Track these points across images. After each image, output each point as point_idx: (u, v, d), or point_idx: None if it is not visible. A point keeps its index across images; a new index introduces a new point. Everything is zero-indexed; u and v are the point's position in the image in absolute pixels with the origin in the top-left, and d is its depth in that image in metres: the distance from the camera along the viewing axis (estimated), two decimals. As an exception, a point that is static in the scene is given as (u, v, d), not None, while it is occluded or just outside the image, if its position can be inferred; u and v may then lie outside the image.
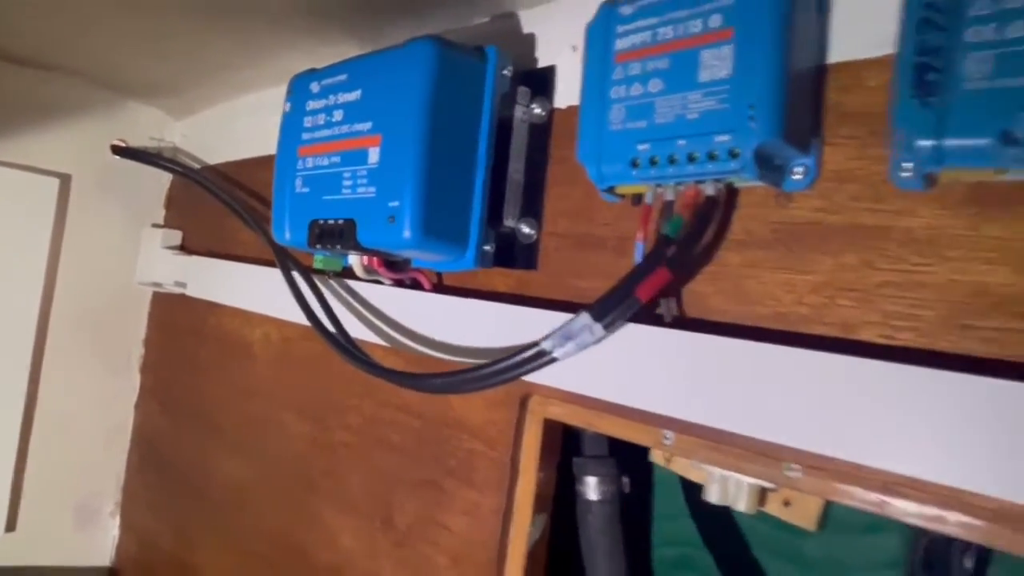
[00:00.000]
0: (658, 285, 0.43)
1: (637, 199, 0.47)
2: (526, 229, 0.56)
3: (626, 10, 0.46)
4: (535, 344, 0.45)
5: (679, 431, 0.46)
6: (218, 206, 0.85)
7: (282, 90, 0.63)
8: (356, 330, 0.66)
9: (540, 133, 0.57)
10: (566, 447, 0.59)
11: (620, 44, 0.46)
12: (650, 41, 0.44)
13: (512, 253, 0.57)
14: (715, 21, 0.41)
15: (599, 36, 0.47)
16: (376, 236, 0.53)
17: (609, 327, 0.43)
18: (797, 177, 0.42)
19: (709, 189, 0.43)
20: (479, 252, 0.54)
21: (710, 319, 0.46)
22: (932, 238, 0.37)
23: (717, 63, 0.41)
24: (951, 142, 0.33)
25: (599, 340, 0.44)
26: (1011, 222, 0.35)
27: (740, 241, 0.45)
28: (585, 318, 0.43)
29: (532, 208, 0.57)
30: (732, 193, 0.45)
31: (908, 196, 0.38)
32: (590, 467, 0.57)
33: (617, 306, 0.43)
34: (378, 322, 0.66)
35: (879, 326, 0.39)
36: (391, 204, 0.51)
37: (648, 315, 0.47)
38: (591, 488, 0.57)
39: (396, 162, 0.52)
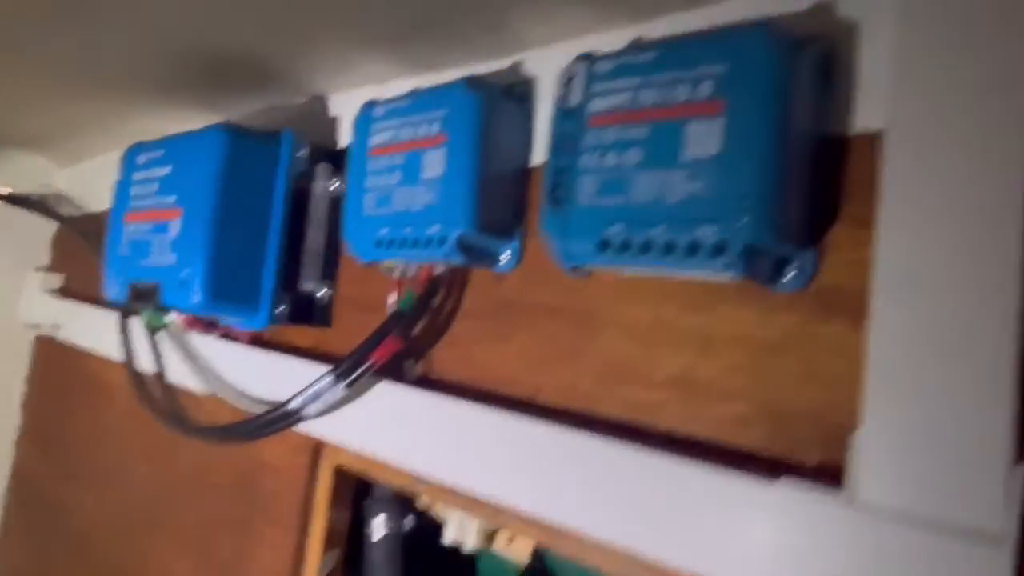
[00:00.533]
0: (389, 352, 0.49)
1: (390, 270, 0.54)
2: (322, 292, 0.63)
3: (379, 111, 0.53)
4: (285, 403, 0.51)
5: (424, 481, 0.52)
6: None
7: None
8: (184, 378, 0.71)
9: (338, 205, 0.64)
10: (366, 488, 0.65)
11: (373, 140, 0.53)
12: (392, 140, 0.51)
13: (310, 312, 0.63)
14: (434, 128, 0.49)
15: (362, 130, 0.54)
16: (175, 299, 0.59)
17: (350, 386, 0.50)
18: (503, 261, 0.49)
19: (438, 268, 0.50)
20: (271, 313, 0.60)
21: (447, 379, 0.53)
22: (588, 320, 0.45)
23: (430, 164, 0.48)
24: (572, 245, 0.40)
25: (343, 398, 0.51)
26: (633, 306, 0.43)
27: (469, 313, 0.52)
28: (327, 379, 0.50)
29: (328, 272, 0.63)
30: (466, 271, 0.52)
31: (576, 282, 0.46)
32: (376, 508, 0.62)
33: (355, 369, 0.49)
34: (203, 371, 0.71)
35: (553, 391, 0.46)
36: (184, 272, 0.57)
37: (400, 375, 0.53)
38: (377, 527, 0.62)
39: (191, 235, 0.58)
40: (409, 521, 0.63)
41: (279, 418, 0.52)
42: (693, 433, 0.39)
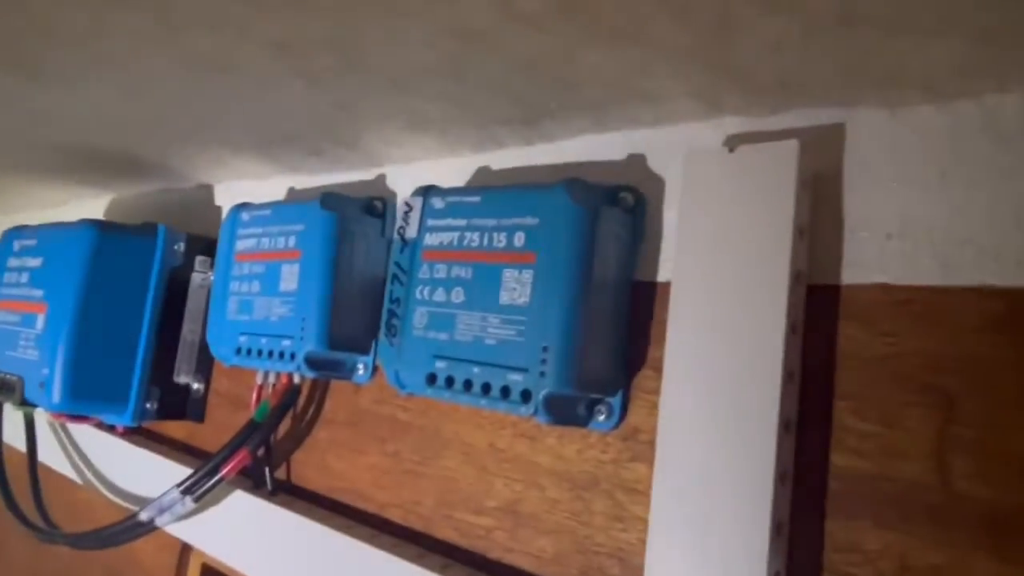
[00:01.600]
0: (240, 465, 0.49)
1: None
2: (196, 385, 0.62)
3: (245, 216, 0.53)
4: (135, 515, 0.50)
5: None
6: None
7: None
8: (61, 466, 0.69)
9: (217, 297, 0.64)
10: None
11: (239, 245, 0.53)
12: (255, 248, 0.52)
13: (183, 407, 0.63)
14: (291, 241, 0.49)
15: (229, 233, 0.54)
16: (36, 397, 0.58)
17: (199, 499, 0.49)
18: (360, 373, 0.50)
19: (296, 379, 0.51)
20: (139, 410, 0.59)
21: (306, 487, 0.53)
22: (432, 438, 0.46)
23: (290, 277, 0.49)
24: (403, 376, 0.41)
25: (193, 510, 0.50)
26: (472, 430, 0.44)
27: (328, 420, 0.52)
28: (174, 493, 0.49)
29: (203, 366, 0.63)
30: (326, 381, 0.53)
31: (424, 400, 0.46)
32: (245, 607, 0.61)
33: (205, 481, 0.49)
34: (78, 460, 0.69)
35: (398, 509, 0.46)
36: (43, 371, 0.56)
37: (260, 479, 0.53)
38: (246, 627, 0.61)
39: (53, 332, 0.57)
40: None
41: (130, 528, 0.51)
42: (517, 564, 0.40)
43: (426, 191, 0.42)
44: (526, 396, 0.36)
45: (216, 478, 0.49)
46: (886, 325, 0.31)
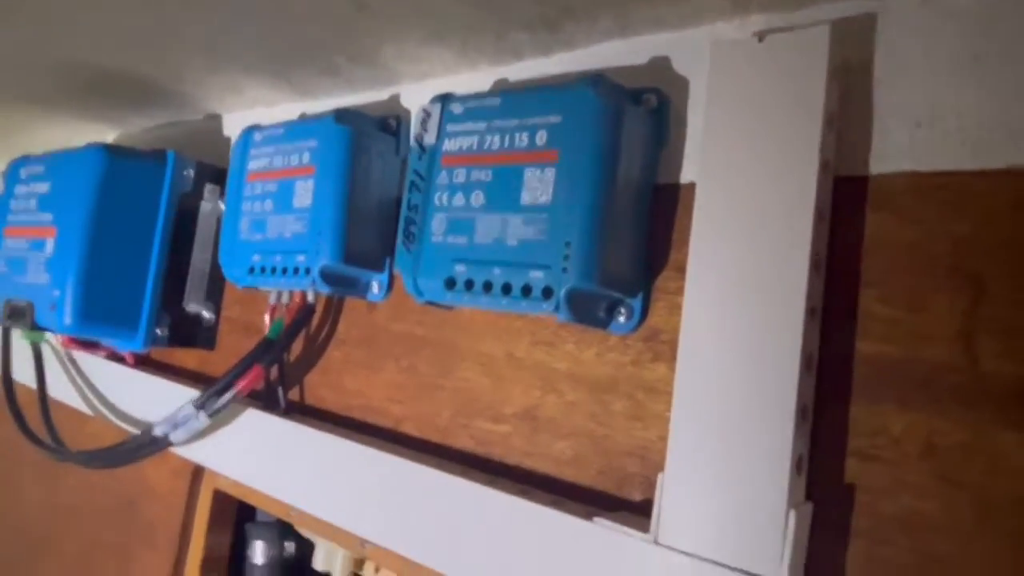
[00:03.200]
0: (254, 380, 0.49)
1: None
2: (206, 313, 0.62)
3: (258, 137, 0.53)
4: (150, 430, 0.50)
5: (294, 509, 0.52)
6: None
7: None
8: (69, 397, 0.70)
9: (227, 226, 0.63)
10: (249, 511, 0.64)
11: (251, 165, 0.53)
12: (268, 167, 0.51)
13: (194, 335, 0.62)
14: (305, 158, 0.49)
15: (240, 155, 0.54)
16: (47, 320, 0.57)
17: (213, 415, 0.49)
18: (374, 290, 0.50)
19: (309, 297, 0.50)
20: (150, 335, 0.59)
21: (320, 407, 0.53)
22: (449, 352, 0.46)
23: (305, 193, 0.48)
24: (422, 282, 0.41)
25: (208, 427, 0.50)
26: (488, 341, 0.44)
27: (342, 340, 0.52)
28: (189, 408, 0.49)
29: (213, 294, 0.63)
30: (341, 299, 0.53)
31: (441, 313, 0.46)
32: (257, 533, 0.62)
33: (219, 397, 0.49)
34: (87, 391, 0.69)
35: (414, 422, 0.47)
36: (54, 293, 0.56)
37: (273, 401, 0.53)
38: (258, 552, 0.62)
39: (64, 255, 0.57)
40: (290, 546, 0.62)
41: (145, 444, 0.51)
42: (535, 468, 0.40)
43: (444, 97, 0.42)
44: (548, 293, 0.35)
45: (230, 394, 0.49)
46: (915, 212, 0.31)
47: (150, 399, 0.62)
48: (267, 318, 0.52)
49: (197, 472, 0.61)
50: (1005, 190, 0.29)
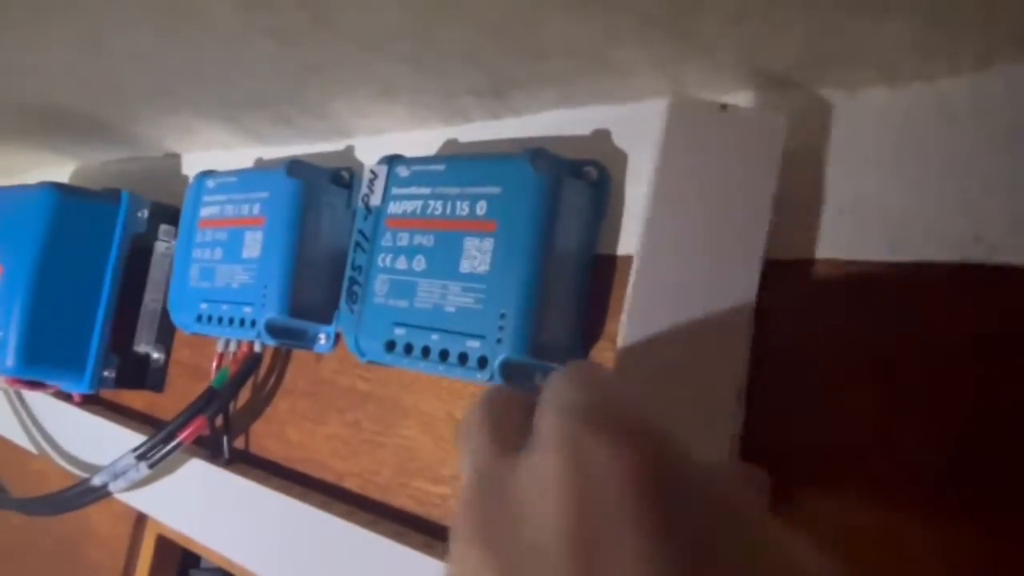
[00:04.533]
0: (197, 430, 0.49)
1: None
2: (156, 355, 0.62)
3: (211, 183, 0.53)
4: (88, 480, 0.49)
5: (232, 563, 0.51)
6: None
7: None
8: (15, 435, 0.68)
9: (181, 267, 0.63)
10: (193, 559, 0.63)
11: (203, 212, 0.53)
12: (219, 214, 0.51)
13: (143, 376, 0.62)
14: (256, 209, 0.49)
15: (193, 200, 0.54)
16: (-10, 360, 0.56)
17: (154, 465, 0.49)
18: (321, 342, 0.50)
19: (256, 347, 0.50)
20: (96, 378, 0.59)
21: (264, 457, 0.52)
22: (392, 409, 0.46)
23: (253, 244, 0.48)
24: (363, 342, 0.41)
25: (148, 477, 0.50)
26: (431, 400, 0.44)
27: (289, 391, 0.52)
28: (129, 458, 0.49)
29: (164, 336, 0.62)
30: (288, 350, 0.53)
31: (382, 369, 0.46)
32: (200, 580, 0.61)
33: (161, 447, 0.49)
34: (32, 429, 0.68)
35: (356, 478, 0.46)
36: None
37: (217, 449, 0.53)
38: (201, 599, 0.61)
39: (9, 295, 0.56)
40: (234, 594, 0.61)
41: (83, 493, 0.50)
42: (471, 531, 0.40)
43: (391, 159, 0.42)
44: (483, 363, 0.36)
45: (172, 444, 0.48)
46: (834, 298, 0.32)
47: (96, 440, 0.62)
48: (214, 366, 0.52)
49: (140, 517, 0.60)
50: (916, 282, 0.30)
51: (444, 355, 0.37)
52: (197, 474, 0.51)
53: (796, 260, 0.33)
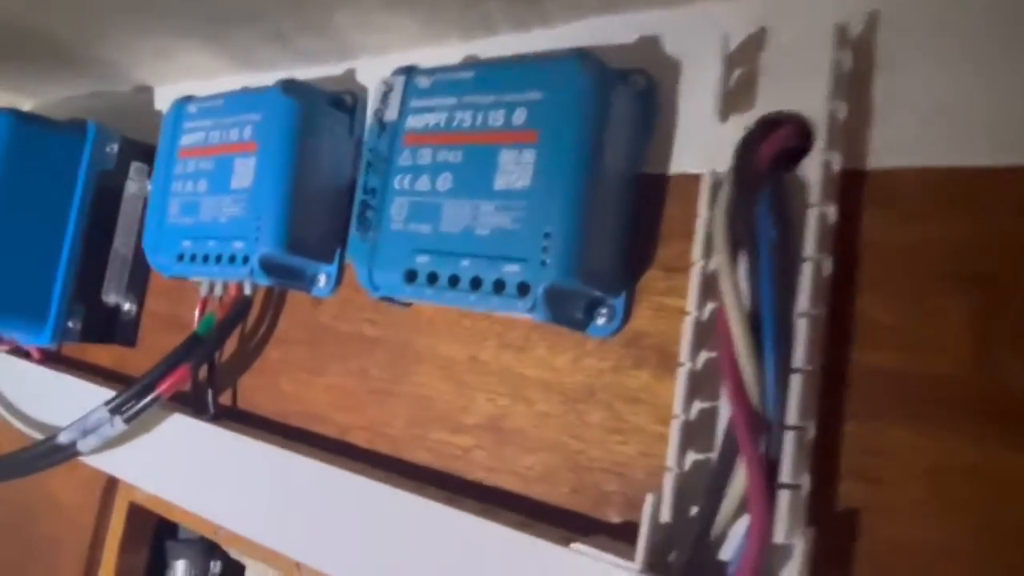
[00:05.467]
0: (179, 382, 0.44)
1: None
2: (127, 305, 0.56)
3: (192, 108, 0.47)
4: (54, 437, 0.44)
5: (226, 530, 0.46)
6: None
7: None
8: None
9: (155, 210, 0.57)
10: (170, 527, 0.58)
11: (184, 140, 0.47)
12: (203, 142, 0.46)
13: (112, 329, 0.56)
14: (246, 133, 0.44)
15: (172, 128, 0.48)
16: (-64, 308, 0.50)
17: (130, 420, 0.44)
18: (321, 284, 0.45)
19: (246, 289, 0.45)
20: (60, 329, 0.53)
21: (254, 412, 0.47)
22: (403, 354, 0.41)
23: (244, 172, 0.43)
24: (378, 275, 0.36)
25: (124, 434, 0.44)
26: (450, 343, 0.39)
27: (281, 339, 0.47)
28: (102, 411, 0.43)
29: (136, 285, 0.56)
30: (282, 293, 0.48)
31: (396, 311, 0.42)
32: (178, 551, 0.56)
33: (138, 400, 0.43)
34: (-14, 391, 0.61)
35: (363, 431, 0.42)
36: (-55, 278, 0.49)
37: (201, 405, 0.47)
38: (179, 573, 0.56)
39: (-42, 233, 0.49)
40: (216, 567, 0.56)
41: (47, 453, 0.45)
42: (500, 485, 0.36)
43: (409, 69, 0.38)
44: (523, 289, 0.31)
45: (150, 396, 0.43)
46: (920, 210, 0.28)
47: (59, 400, 0.55)
48: (197, 312, 0.46)
49: (110, 484, 0.55)
50: (1018, 188, 0.27)
51: (476, 283, 0.33)
52: (179, 431, 0.46)
53: (876, 170, 0.29)
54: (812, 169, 0.29)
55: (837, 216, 0.29)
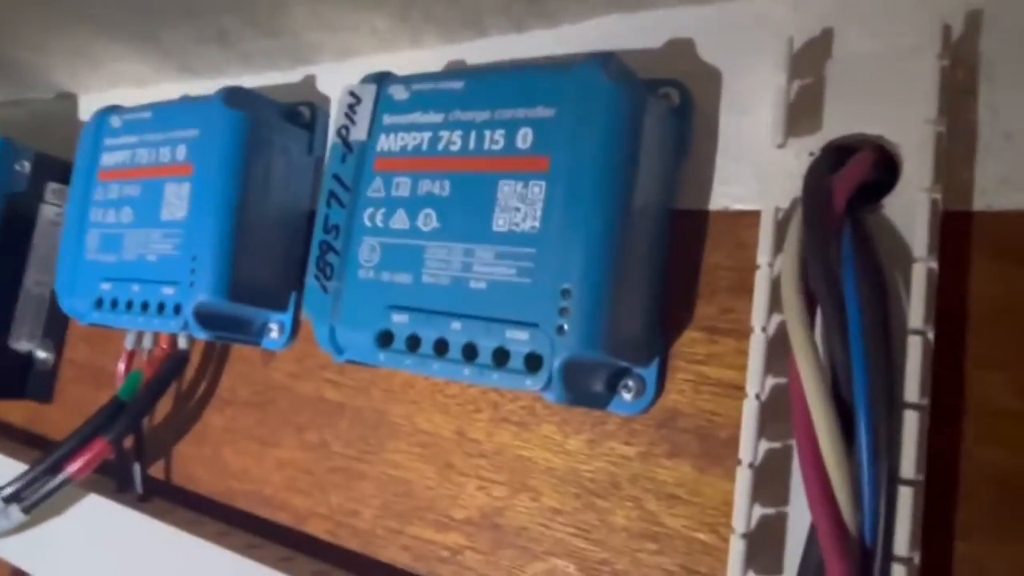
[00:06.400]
0: (96, 459, 0.35)
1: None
2: (42, 353, 0.47)
3: (116, 121, 0.39)
4: (-70, 531, 0.35)
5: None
6: None
7: None
8: None
9: (77, 239, 0.48)
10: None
11: (105, 159, 0.39)
12: (129, 162, 0.38)
13: (22, 382, 0.47)
14: (180, 153, 0.36)
15: (91, 144, 0.40)
16: None
17: (30, 510, 0.35)
18: (272, 335, 0.37)
19: (181, 343, 0.37)
20: (-44, 384, 0.44)
21: (192, 489, 0.39)
22: (375, 425, 0.34)
23: (177, 202, 0.35)
24: (343, 334, 0.29)
25: (23, 524, 0.36)
26: (433, 414, 0.32)
27: (226, 400, 0.39)
28: (-6, 500, 0.35)
29: (53, 329, 0.47)
30: (225, 347, 0.40)
31: (360, 371, 0.34)
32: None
33: (40, 486, 0.35)
34: None
35: (327, 520, 0.34)
36: None
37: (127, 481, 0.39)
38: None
39: None
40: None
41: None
42: (498, 599, 0.29)
43: (381, 77, 0.30)
44: (533, 363, 0.24)
45: (58, 479, 0.35)
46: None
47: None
48: (121, 368, 0.38)
49: (17, 573, 0.46)
50: None
51: (470, 352, 0.25)
52: (98, 515, 0.38)
53: (984, 212, 0.23)
54: (906, 209, 0.23)
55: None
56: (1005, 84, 0.23)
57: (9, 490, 0.34)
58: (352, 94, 0.30)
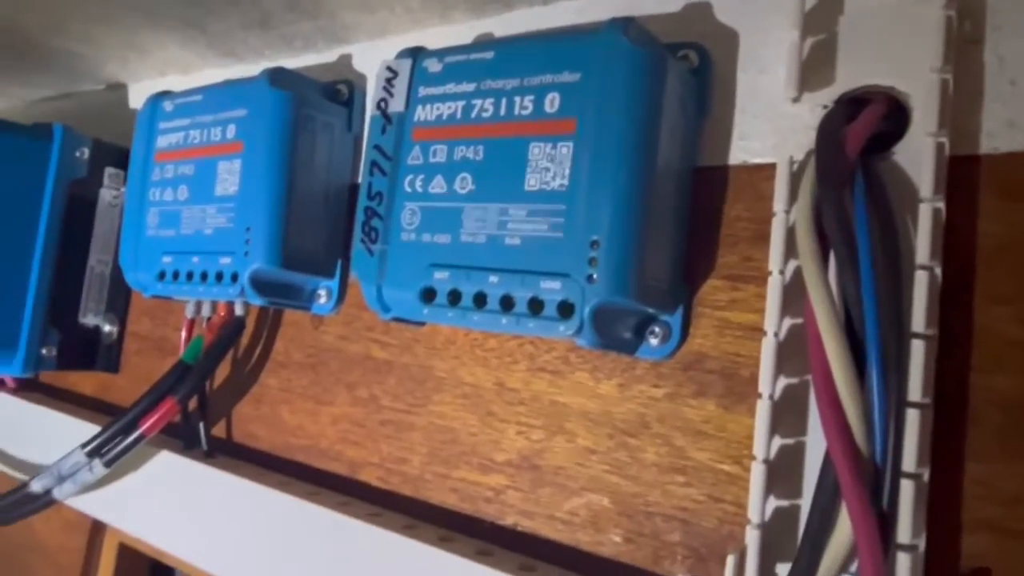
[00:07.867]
0: (166, 416, 0.38)
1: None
2: (107, 327, 0.51)
3: (168, 106, 0.42)
4: (25, 485, 0.39)
5: None
6: None
7: None
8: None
9: (134, 220, 0.52)
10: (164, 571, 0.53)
11: (160, 142, 0.42)
12: (182, 144, 0.41)
13: (92, 354, 0.51)
14: (230, 132, 0.38)
15: (147, 128, 0.43)
16: None
17: (111, 464, 0.38)
18: (321, 301, 0.40)
19: (238, 309, 0.40)
20: (33, 357, 0.47)
21: (252, 446, 0.42)
22: (420, 380, 0.36)
23: (229, 177, 0.38)
24: (389, 293, 0.31)
25: (104, 478, 0.39)
26: (474, 367, 0.34)
27: (280, 363, 0.42)
28: (78, 455, 0.38)
29: (116, 304, 0.51)
30: (278, 312, 0.42)
31: (405, 330, 0.37)
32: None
33: (118, 441, 0.38)
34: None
35: (376, 469, 0.37)
36: (-101, 306, 0.43)
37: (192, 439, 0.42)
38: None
39: (-88, 255, 0.44)
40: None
41: (19, 503, 0.40)
42: (540, 532, 0.31)
43: (415, 51, 0.32)
44: (566, 310, 0.26)
45: (133, 436, 0.38)
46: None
47: (37, 434, 0.50)
48: (183, 335, 0.41)
49: (97, 525, 0.50)
50: None
51: (507, 303, 0.28)
52: (168, 471, 0.41)
53: (991, 154, 0.24)
54: (915, 155, 0.24)
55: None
56: (1010, 33, 0.24)
57: (92, 445, 0.38)
58: (389, 68, 0.32)
